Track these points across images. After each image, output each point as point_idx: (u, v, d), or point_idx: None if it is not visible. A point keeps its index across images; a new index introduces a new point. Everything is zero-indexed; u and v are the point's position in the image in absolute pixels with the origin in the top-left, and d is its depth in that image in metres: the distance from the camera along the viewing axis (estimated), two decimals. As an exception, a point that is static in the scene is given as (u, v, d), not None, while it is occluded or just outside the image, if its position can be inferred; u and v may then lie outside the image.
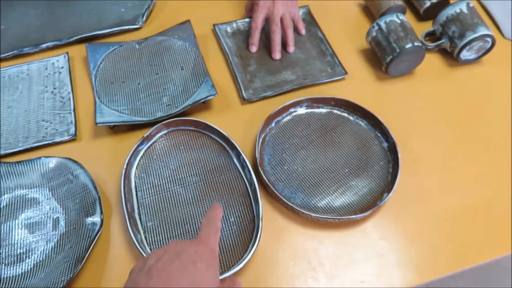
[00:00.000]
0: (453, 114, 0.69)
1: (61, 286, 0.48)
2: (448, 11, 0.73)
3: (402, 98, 0.71)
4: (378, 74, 0.74)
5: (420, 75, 0.74)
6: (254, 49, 0.76)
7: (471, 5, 0.72)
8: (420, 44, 0.69)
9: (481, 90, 0.72)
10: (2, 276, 0.53)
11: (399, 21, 0.70)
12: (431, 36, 0.77)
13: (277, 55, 0.75)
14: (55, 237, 0.56)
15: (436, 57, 0.76)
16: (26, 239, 0.56)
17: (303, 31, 0.79)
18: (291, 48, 0.76)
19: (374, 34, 0.72)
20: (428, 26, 0.78)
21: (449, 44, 0.73)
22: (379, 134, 0.65)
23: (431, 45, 0.74)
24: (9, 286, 0.51)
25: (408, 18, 0.74)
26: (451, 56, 0.75)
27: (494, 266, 1.33)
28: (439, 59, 0.76)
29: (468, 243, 0.56)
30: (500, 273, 1.32)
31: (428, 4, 0.79)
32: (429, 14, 0.79)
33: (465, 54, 0.73)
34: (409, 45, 0.68)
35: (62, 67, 0.75)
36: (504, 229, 0.57)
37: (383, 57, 0.71)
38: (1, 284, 0.52)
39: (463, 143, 0.65)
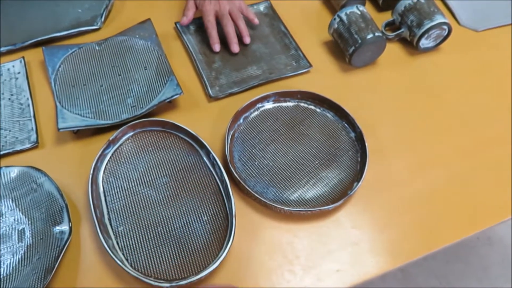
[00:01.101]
0: (415, 101, 0.71)
1: (30, 299, 0.47)
2: (406, 1, 0.75)
3: (366, 88, 0.72)
4: (342, 66, 0.75)
5: (383, 65, 0.75)
6: (217, 48, 0.75)
7: (427, -6, 0.74)
8: (380, 34, 0.70)
9: (440, 76, 0.74)
10: (-34, 294, 0.50)
11: (359, 12, 0.72)
12: (391, 26, 0.79)
13: (235, 47, 0.75)
14: (22, 249, 0.54)
15: (397, 46, 0.78)
16: (-10, 254, 0.53)
17: (255, 20, 0.79)
18: (247, 39, 0.76)
19: (336, 26, 0.73)
20: (387, 16, 0.79)
21: (408, 33, 0.75)
22: (346, 124, 0.66)
23: (391, 34, 0.76)
24: (-26, 304, 0.49)
25: (367, 9, 0.76)
26: (411, 44, 0.77)
27: (463, 246, 1.39)
28: (400, 48, 0.78)
29: (437, 225, 0.58)
30: (468, 251, 1.37)
31: (386, -6, 0.80)
32: (388, 5, 0.81)
33: (424, 42, 0.75)
34: (370, 36, 0.69)
35: (19, 73, 0.72)
36: (468, 209, 0.59)
37: (346, 48, 0.72)
38: (-34, 302, 0.49)
39: (425, 128, 0.67)
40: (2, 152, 0.62)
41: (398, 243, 0.56)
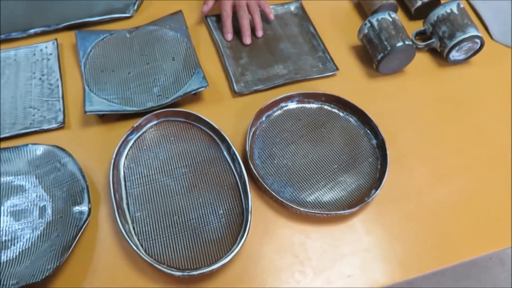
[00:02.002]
0: (440, 113, 0.70)
1: (47, 274, 0.48)
2: (439, 11, 0.74)
3: (391, 96, 0.72)
4: (369, 71, 0.75)
5: (410, 74, 0.74)
6: (229, 37, 0.77)
7: (461, 5, 0.73)
8: (410, 43, 0.70)
9: (468, 90, 0.73)
10: (-13, 263, 0.52)
11: (390, 19, 0.71)
12: (422, 35, 0.78)
13: (247, 39, 0.76)
14: (42, 225, 0.55)
15: (426, 56, 0.77)
16: (12, 227, 0.55)
17: (271, 15, 0.80)
18: (260, 33, 0.78)
19: (366, 31, 0.72)
20: (419, 25, 0.78)
21: (439, 44, 0.74)
22: (368, 131, 0.65)
23: (421, 44, 0.75)
24: (-7, 274, 0.51)
25: (399, 16, 0.75)
26: (440, 56, 0.76)
27: (474, 264, 1.36)
28: (429, 58, 0.77)
29: (452, 241, 0.57)
30: (479, 270, 1.35)
31: (419, 3, 0.79)
32: (420, 14, 0.80)
33: (454, 55, 0.74)
34: (400, 44, 0.68)
35: (51, 54, 0.73)
36: (486, 226, 0.58)
37: (374, 54, 0.71)
38: (-14, 271, 0.51)
39: (449, 141, 0.66)
40: (29, 130, 0.63)
41: (410, 254, 0.56)
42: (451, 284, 1.31)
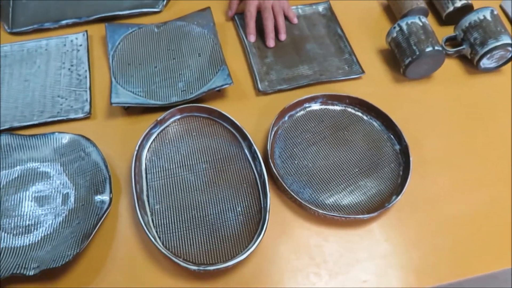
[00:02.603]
0: (467, 122, 0.68)
1: (67, 260, 0.49)
2: (471, 17, 0.72)
3: (417, 101, 0.70)
4: (395, 76, 0.73)
5: (438, 80, 0.73)
6: (252, 38, 0.76)
7: (495, 12, 0.71)
8: (440, 48, 0.68)
9: (497, 100, 0.71)
10: (10, 245, 0.53)
11: (421, 24, 0.70)
12: (452, 41, 0.76)
13: (271, 42, 0.76)
14: (64, 212, 0.56)
15: (455, 63, 0.75)
16: (35, 212, 0.56)
17: (295, 20, 0.80)
18: (283, 36, 0.77)
19: (394, 34, 0.71)
20: (449, 31, 0.77)
21: (469, 51, 0.72)
22: (392, 136, 0.65)
23: (451, 50, 0.74)
24: (16, 256, 0.52)
25: (429, 21, 0.74)
26: (470, 63, 0.74)
27: (493, 279, 1.32)
28: (458, 65, 0.75)
29: (471, 252, 0.56)
30: (497, 285, 1.31)
31: (451, 8, 0.78)
32: (452, 19, 0.78)
33: (485, 62, 0.72)
34: (429, 49, 0.67)
35: (81, 45, 0.75)
36: (507, 241, 0.57)
37: (402, 58, 0.70)
38: (9, 253, 0.53)
39: (475, 150, 0.65)
40: (57, 119, 0.65)
41: (428, 264, 0.55)
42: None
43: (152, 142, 0.63)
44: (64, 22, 0.78)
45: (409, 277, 0.53)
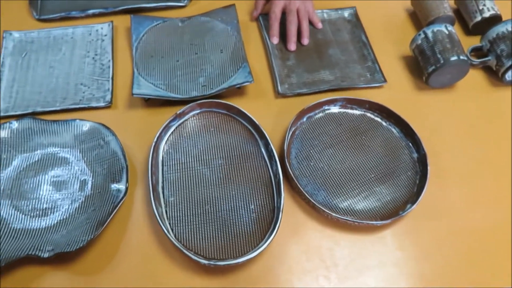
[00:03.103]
0: (488, 134, 0.67)
1: (81, 245, 0.50)
2: (499, 28, 0.71)
3: (438, 111, 0.69)
4: (417, 84, 0.73)
5: (461, 90, 0.72)
6: (275, 40, 0.76)
7: (524, 25, 0.70)
8: (465, 58, 0.67)
9: (521, 114, 0.70)
10: (27, 227, 0.55)
11: (447, 32, 0.69)
12: (478, 51, 0.75)
13: (292, 46, 0.75)
14: (81, 198, 0.57)
15: (480, 74, 0.74)
16: (53, 196, 0.58)
17: (319, 25, 0.79)
18: (306, 40, 0.77)
19: (419, 42, 0.71)
20: (475, 41, 0.76)
21: (495, 62, 0.71)
22: (410, 144, 0.64)
23: (476, 60, 0.72)
24: (32, 238, 0.53)
25: (456, 30, 0.72)
26: (495, 75, 0.73)
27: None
28: (483, 76, 0.74)
29: (484, 268, 0.55)
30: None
31: (479, 18, 0.76)
32: (478, 29, 0.77)
33: (511, 75, 0.70)
34: (454, 58, 0.66)
35: (106, 35, 0.76)
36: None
37: (425, 66, 0.69)
38: (26, 234, 0.54)
39: (494, 164, 0.64)
40: (78, 106, 0.66)
41: (439, 276, 0.54)
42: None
43: (170, 135, 0.63)
44: (90, 11, 0.79)
45: (420, 287, 0.53)
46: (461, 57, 0.67)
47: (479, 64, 0.73)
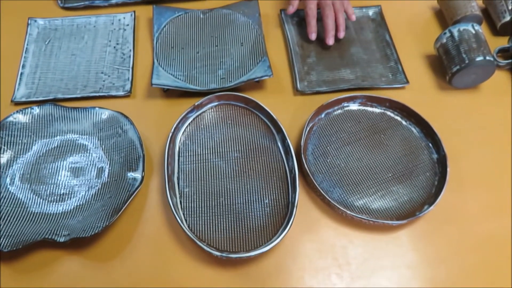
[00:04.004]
0: (512, 138, 0.65)
1: (96, 231, 0.50)
2: (529, 30, 0.68)
3: (461, 112, 0.68)
4: (440, 83, 0.71)
5: (485, 92, 0.70)
6: (314, 36, 0.74)
7: (555, 26, 0.68)
8: (491, 59, 0.65)
9: (548, 118, 0.68)
10: (44, 211, 0.56)
11: (473, 32, 0.67)
12: (504, 52, 0.73)
13: (331, 40, 0.73)
14: (97, 185, 0.58)
15: (506, 75, 0.72)
16: (70, 182, 0.58)
17: (353, 17, 0.76)
18: (342, 34, 0.74)
19: (444, 41, 0.69)
20: (503, 42, 0.74)
21: (522, 64, 0.69)
22: (430, 144, 0.63)
23: (503, 62, 0.70)
24: (49, 222, 0.54)
25: (483, 30, 0.70)
26: (522, 77, 0.71)
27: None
28: (509, 78, 0.72)
29: (499, 275, 0.53)
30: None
31: (507, 18, 0.74)
32: (506, 29, 0.75)
33: (539, 78, 0.68)
34: (480, 58, 0.64)
35: (127, 25, 0.76)
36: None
37: (449, 66, 0.68)
38: (43, 218, 0.55)
39: (518, 169, 0.62)
40: (98, 94, 0.67)
41: (453, 281, 0.53)
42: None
43: (187, 126, 0.63)
44: (113, 1, 0.80)
45: (433, 290, 0.52)
46: (487, 58, 0.65)
47: (505, 66, 0.71)
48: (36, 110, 0.63)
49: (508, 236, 0.56)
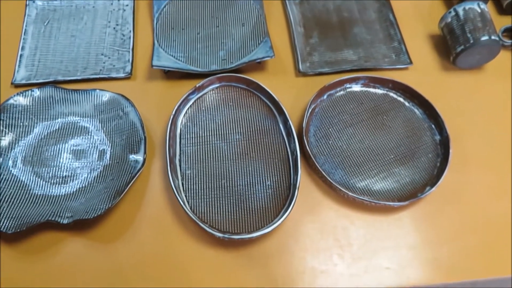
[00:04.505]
0: (516, 119, 0.65)
1: (99, 213, 0.51)
2: (536, 8, 0.67)
3: (464, 93, 0.67)
4: (444, 64, 0.70)
5: (490, 72, 0.69)
6: None
7: None
8: (497, 38, 0.64)
9: (553, 98, 0.67)
10: (47, 193, 0.56)
11: (479, 10, 0.66)
12: (510, 32, 0.72)
13: None
14: (99, 167, 0.58)
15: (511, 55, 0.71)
16: (72, 164, 0.58)
17: None
18: None
19: (449, 20, 0.68)
20: (508, 21, 0.72)
21: (528, 44, 0.68)
22: (433, 125, 0.62)
23: (508, 41, 0.69)
24: (52, 204, 0.54)
25: (489, 8, 0.69)
26: (527, 57, 0.70)
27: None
28: (514, 58, 0.71)
29: (501, 254, 0.54)
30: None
31: (514, -3, 0.73)
32: (513, 9, 0.74)
33: (544, 58, 0.67)
34: (485, 38, 0.63)
35: (127, 5, 0.75)
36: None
37: (453, 46, 0.67)
38: (46, 200, 0.55)
39: (521, 150, 0.62)
40: (99, 76, 0.66)
41: (454, 260, 0.53)
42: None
43: (188, 108, 0.63)
44: (113, -19, 0.78)
45: (433, 271, 0.52)
46: (493, 37, 0.64)
47: (511, 45, 0.70)
48: (37, 92, 0.62)
49: (509, 217, 0.56)
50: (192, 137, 0.61)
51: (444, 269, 0.53)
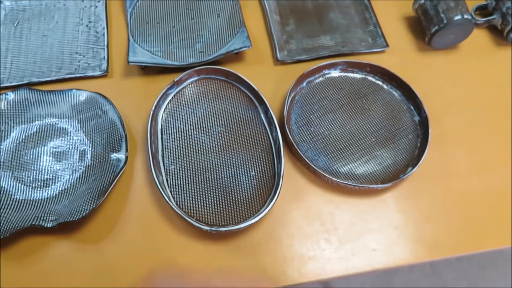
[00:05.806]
0: (492, 96, 0.66)
1: (83, 214, 0.50)
2: (506, -15, 0.68)
3: (441, 73, 0.68)
4: (420, 45, 0.71)
5: (464, 51, 0.70)
6: None
7: (532, -19, 0.67)
8: (469, 17, 0.65)
9: (526, 74, 0.69)
10: (29, 198, 0.55)
11: (451, -10, 0.67)
12: (482, 10, 0.73)
13: None
14: (81, 168, 0.57)
15: (484, 33, 0.72)
16: (53, 167, 0.58)
17: None
18: None
19: (422, 1, 0.68)
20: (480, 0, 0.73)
21: (500, 21, 0.69)
22: (412, 107, 0.63)
23: (481, 20, 0.70)
24: (35, 208, 0.54)
25: (461, -12, 0.70)
26: (500, 34, 0.71)
27: (501, 254, 1.33)
28: (487, 36, 0.72)
29: (483, 228, 0.55)
30: (505, 261, 1.32)
31: (484, -25, 0.74)
32: (484, -13, 0.75)
33: (516, 34, 0.69)
34: (458, 17, 0.64)
35: (99, 1, 0.74)
36: (525, 218, 0.56)
37: (428, 27, 0.68)
38: (29, 205, 0.54)
39: (497, 127, 0.63)
40: (74, 76, 0.65)
41: (439, 236, 0.55)
42: (475, 271, 1.29)
43: (168, 103, 0.62)
44: (82, -23, 0.76)
45: (418, 249, 0.54)
46: (465, 16, 0.65)
47: (483, 24, 0.71)
48: (11, 95, 0.61)
49: (490, 191, 0.58)
50: (174, 132, 0.60)
51: (429, 246, 0.54)
